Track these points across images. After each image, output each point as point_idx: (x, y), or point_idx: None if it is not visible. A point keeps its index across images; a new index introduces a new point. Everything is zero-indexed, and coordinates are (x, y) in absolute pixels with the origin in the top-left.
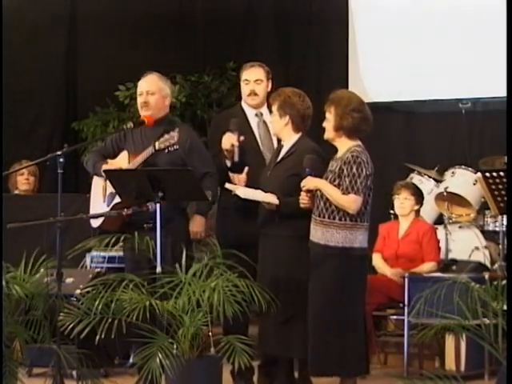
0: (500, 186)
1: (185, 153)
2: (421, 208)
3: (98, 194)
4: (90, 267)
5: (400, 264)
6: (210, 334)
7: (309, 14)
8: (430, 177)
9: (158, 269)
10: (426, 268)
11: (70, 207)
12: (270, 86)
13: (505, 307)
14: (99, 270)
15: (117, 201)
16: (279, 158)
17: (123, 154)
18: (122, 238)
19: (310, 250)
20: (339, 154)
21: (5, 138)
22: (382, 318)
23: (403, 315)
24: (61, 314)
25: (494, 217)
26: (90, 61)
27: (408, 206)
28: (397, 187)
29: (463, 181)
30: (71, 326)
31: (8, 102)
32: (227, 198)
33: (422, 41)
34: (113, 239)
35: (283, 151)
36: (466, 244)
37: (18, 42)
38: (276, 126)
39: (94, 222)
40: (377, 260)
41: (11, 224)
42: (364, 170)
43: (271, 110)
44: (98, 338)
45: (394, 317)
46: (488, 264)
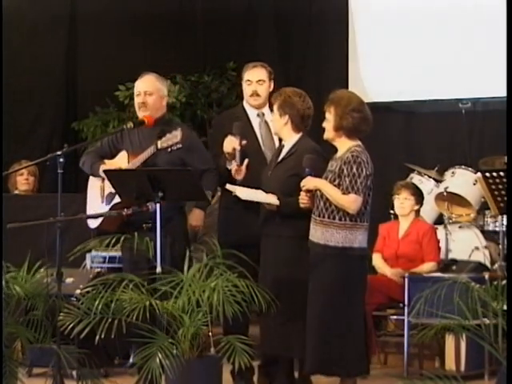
0: (500, 186)
1: (184, 152)
2: (421, 208)
3: (96, 194)
4: (91, 267)
5: (400, 264)
6: (210, 334)
7: (309, 14)
8: (430, 177)
9: (158, 269)
10: (425, 268)
11: (70, 207)
12: (272, 86)
13: (505, 307)
14: (99, 270)
15: (116, 201)
16: (280, 158)
17: (122, 153)
18: (122, 238)
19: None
20: (339, 153)
21: (5, 137)
22: (382, 317)
23: (403, 315)
24: (61, 314)
25: (494, 217)
26: (90, 61)
27: (408, 206)
28: (397, 187)
29: (463, 181)
30: (71, 326)
31: (8, 102)
32: (228, 199)
33: (422, 41)
34: (113, 239)
35: (284, 151)
36: (466, 244)
37: (17, 42)
38: (276, 125)
39: (92, 223)
40: (377, 260)
41: (11, 224)
42: (364, 169)
43: (273, 109)
44: (97, 338)
45: (394, 317)
46: (488, 264)
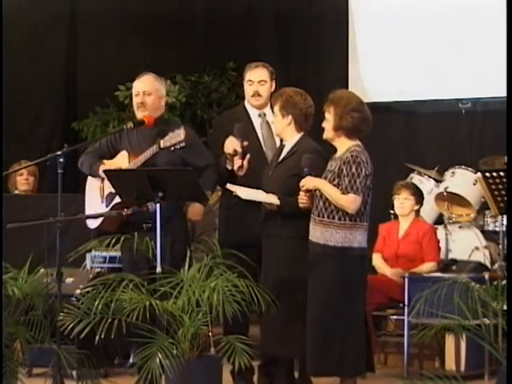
0: (500, 186)
1: (184, 151)
2: (421, 208)
3: (95, 194)
4: (91, 267)
5: (400, 264)
6: (210, 334)
7: (309, 14)
8: (430, 177)
9: (158, 269)
10: (425, 268)
11: (70, 207)
12: (274, 86)
13: (505, 307)
14: (99, 270)
15: (117, 201)
16: (281, 158)
17: (123, 153)
18: (122, 238)
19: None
20: (338, 153)
21: (5, 137)
22: (382, 317)
23: (403, 315)
24: (61, 314)
25: (494, 217)
26: (90, 61)
27: (408, 206)
28: (397, 187)
29: (463, 181)
30: (71, 325)
31: (8, 102)
32: (229, 198)
33: (422, 41)
34: (113, 240)
35: (285, 151)
36: (466, 244)
37: (17, 41)
38: (278, 126)
39: (92, 223)
40: (377, 260)
41: (11, 224)
42: (363, 169)
43: (274, 109)
44: (97, 338)
45: (394, 317)
46: (488, 264)
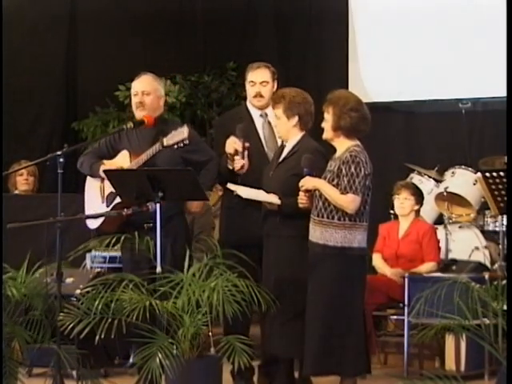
0: (500, 186)
1: (184, 148)
2: (421, 208)
3: (95, 195)
4: (91, 267)
5: (400, 264)
6: (210, 334)
7: (309, 14)
8: (430, 177)
9: (158, 269)
10: (425, 268)
11: (70, 207)
12: (276, 87)
13: (505, 307)
14: (99, 270)
15: (117, 201)
16: (281, 158)
17: (123, 153)
18: (122, 238)
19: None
20: (338, 153)
21: (5, 137)
22: (382, 317)
23: (403, 315)
24: (61, 314)
25: (493, 217)
26: (90, 61)
27: (408, 206)
28: (397, 187)
29: (463, 181)
30: (71, 326)
31: (8, 102)
32: (230, 198)
33: (422, 41)
34: (113, 239)
35: (285, 151)
36: (466, 244)
37: (18, 41)
38: (283, 128)
39: (92, 224)
40: (377, 260)
41: (11, 224)
42: (362, 169)
43: (275, 112)
44: (97, 338)
45: (394, 317)
46: (488, 264)
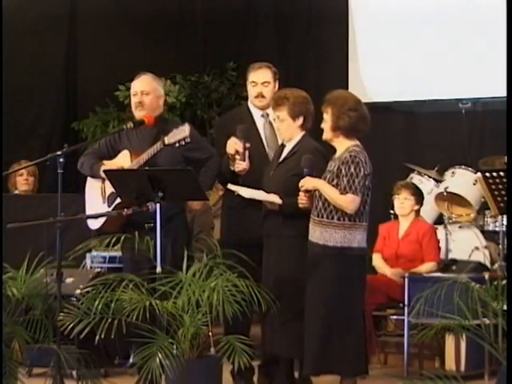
0: (500, 186)
1: (185, 147)
2: (421, 208)
3: (96, 195)
4: (91, 267)
5: (400, 264)
6: (210, 334)
7: (309, 14)
8: (430, 177)
9: (158, 269)
10: (425, 268)
11: (70, 207)
12: (277, 87)
13: (505, 307)
14: (99, 270)
15: (118, 201)
16: (282, 158)
17: (124, 153)
18: (122, 238)
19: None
20: (337, 154)
21: (5, 137)
22: (382, 317)
23: (403, 315)
24: (61, 314)
25: (494, 217)
26: (90, 61)
27: (408, 206)
28: (397, 187)
29: (463, 181)
30: (71, 325)
31: (8, 102)
32: (232, 198)
33: (422, 41)
34: (113, 239)
35: (286, 151)
36: (466, 244)
37: (18, 42)
38: (288, 130)
39: (94, 224)
40: (377, 260)
41: (11, 224)
42: (362, 169)
43: (278, 114)
44: (97, 338)
45: (394, 317)
46: (488, 264)
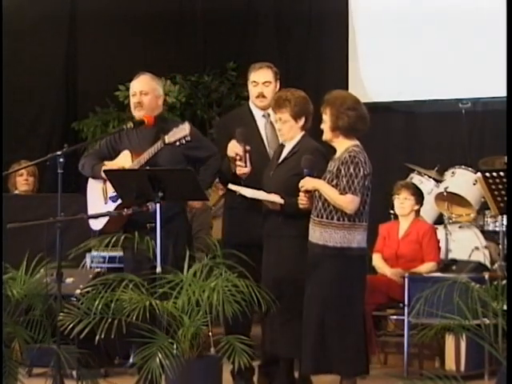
0: (500, 186)
1: (186, 145)
2: (421, 208)
3: (98, 196)
4: (90, 267)
5: (400, 264)
6: (210, 334)
7: (309, 14)
8: (430, 177)
9: (158, 269)
10: (425, 268)
11: (70, 207)
12: (278, 87)
13: (505, 307)
14: (99, 270)
15: (120, 202)
16: (282, 158)
17: (125, 153)
18: (122, 237)
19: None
20: (337, 154)
21: (5, 137)
22: (382, 318)
23: (403, 315)
24: (61, 314)
25: (493, 217)
26: (90, 61)
27: (408, 206)
28: (397, 187)
29: (463, 181)
30: (71, 326)
31: (8, 102)
32: (233, 199)
33: (422, 41)
34: (113, 239)
35: (285, 151)
36: (465, 244)
37: (18, 42)
38: (291, 130)
39: (96, 225)
40: (377, 260)
41: (11, 224)
42: (361, 169)
43: (280, 116)
44: (97, 337)
45: (394, 317)
46: (488, 264)
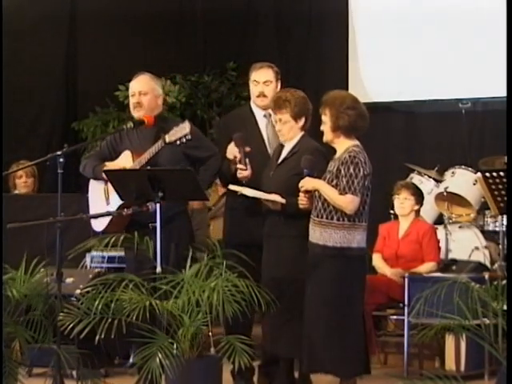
0: (500, 186)
1: (186, 145)
2: (421, 208)
3: (99, 197)
4: (90, 267)
5: (400, 264)
6: (210, 334)
7: (309, 14)
8: (430, 177)
9: (158, 269)
10: (425, 268)
11: (70, 207)
12: (279, 86)
13: (505, 307)
14: (99, 269)
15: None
16: (281, 158)
17: (126, 153)
18: (121, 238)
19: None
20: (337, 154)
21: (5, 137)
22: (382, 318)
23: (403, 315)
24: (61, 314)
25: (494, 217)
26: (90, 61)
27: (408, 206)
28: (397, 187)
29: (463, 181)
30: (71, 325)
31: (8, 102)
32: (234, 199)
33: (422, 41)
34: (113, 239)
35: (285, 151)
36: (465, 244)
37: (18, 42)
38: (291, 130)
39: (98, 226)
40: (377, 260)
41: (11, 224)
42: (361, 170)
43: (280, 117)
44: (97, 337)
45: (394, 317)
46: (488, 264)
